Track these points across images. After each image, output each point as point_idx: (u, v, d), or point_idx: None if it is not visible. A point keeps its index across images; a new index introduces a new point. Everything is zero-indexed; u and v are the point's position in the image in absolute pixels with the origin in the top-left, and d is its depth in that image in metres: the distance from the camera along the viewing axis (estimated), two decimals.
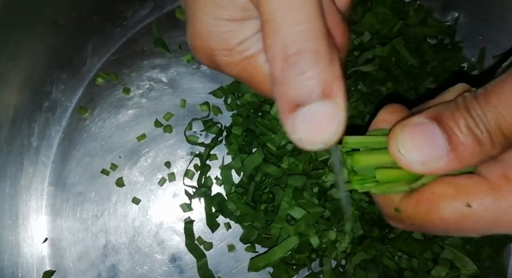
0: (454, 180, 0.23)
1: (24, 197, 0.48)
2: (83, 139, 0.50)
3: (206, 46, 0.27)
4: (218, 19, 0.25)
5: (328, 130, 0.22)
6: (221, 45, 0.26)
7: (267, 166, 0.44)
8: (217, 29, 0.26)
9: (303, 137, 0.22)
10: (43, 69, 0.48)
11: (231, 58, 0.27)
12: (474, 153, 0.21)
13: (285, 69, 0.22)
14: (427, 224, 0.24)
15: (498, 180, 0.22)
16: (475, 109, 0.21)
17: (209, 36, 0.26)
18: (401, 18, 0.46)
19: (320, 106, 0.22)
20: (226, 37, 0.26)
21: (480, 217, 0.22)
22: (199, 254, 0.47)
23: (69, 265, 0.48)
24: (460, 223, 0.23)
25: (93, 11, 0.48)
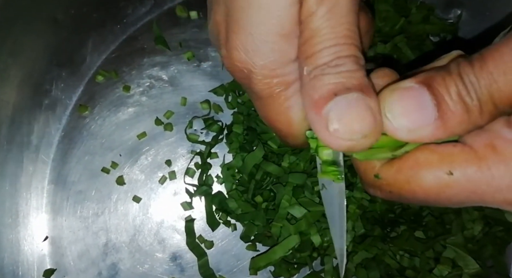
0: (438, 148, 0.22)
1: (24, 195, 0.48)
2: (83, 137, 0.50)
3: (248, 61, 0.25)
4: (270, 34, 0.24)
5: (366, 120, 0.21)
6: (265, 63, 0.25)
7: (267, 164, 0.44)
8: (267, 45, 0.25)
9: (340, 127, 0.21)
10: (42, 66, 0.48)
11: (267, 79, 0.26)
12: (462, 122, 0.21)
13: (326, 69, 0.22)
14: (406, 192, 0.23)
15: (484, 149, 0.21)
16: (468, 75, 0.20)
17: (256, 51, 0.25)
18: (403, 15, 0.46)
19: (358, 96, 0.21)
20: (273, 56, 0.25)
21: (461, 187, 0.22)
22: (200, 252, 0.47)
23: (69, 264, 0.48)
24: (440, 192, 0.22)
25: (93, 8, 0.48)
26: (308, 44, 0.23)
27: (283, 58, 0.25)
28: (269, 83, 0.26)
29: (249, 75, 0.26)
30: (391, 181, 0.24)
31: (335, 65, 0.22)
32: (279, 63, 0.25)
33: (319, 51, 0.22)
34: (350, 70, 0.22)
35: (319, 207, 0.42)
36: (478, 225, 0.42)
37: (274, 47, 0.25)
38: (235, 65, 0.26)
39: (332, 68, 0.22)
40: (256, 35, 0.24)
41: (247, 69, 0.26)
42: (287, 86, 0.26)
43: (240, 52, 0.25)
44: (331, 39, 0.22)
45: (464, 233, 0.42)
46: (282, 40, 0.24)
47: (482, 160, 0.21)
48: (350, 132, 0.21)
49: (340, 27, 0.23)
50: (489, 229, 0.43)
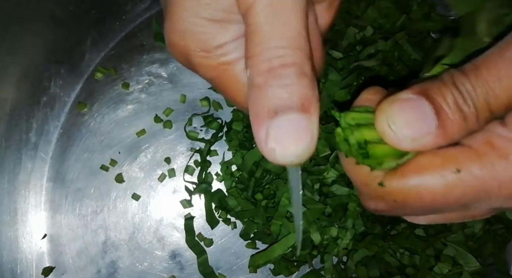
0: (439, 151, 0.23)
1: (22, 193, 0.48)
2: (82, 135, 0.49)
3: (183, 44, 0.26)
4: (198, 17, 0.25)
5: (303, 142, 0.22)
6: (198, 45, 0.26)
7: (267, 161, 0.43)
8: (195, 28, 0.25)
9: (277, 147, 0.22)
10: (41, 63, 0.47)
11: (207, 61, 0.26)
12: (460, 129, 0.21)
13: (267, 78, 0.22)
14: (412, 198, 0.23)
15: (483, 147, 0.22)
16: (464, 84, 0.21)
17: (186, 34, 0.25)
18: (404, 12, 0.45)
19: (297, 117, 0.22)
20: (205, 38, 0.25)
21: (468, 185, 0.22)
22: (199, 250, 0.47)
23: (68, 262, 0.48)
24: (448, 193, 0.22)
25: (92, 4, 0.47)
26: (249, 42, 0.22)
27: (217, 40, 0.25)
28: (210, 65, 0.26)
29: (188, 59, 0.27)
30: (395, 188, 0.23)
31: (278, 75, 0.22)
32: (213, 45, 0.25)
33: (261, 52, 0.22)
34: (294, 84, 0.22)
35: (318, 205, 0.42)
36: (479, 222, 0.42)
37: (205, 30, 0.25)
38: (173, 50, 0.27)
39: (274, 79, 0.22)
40: (186, 19, 0.25)
41: (184, 53, 0.26)
42: (230, 65, 0.26)
43: (175, 36, 0.26)
44: (273, 39, 0.22)
45: (465, 230, 0.42)
46: (213, 25, 0.25)
47: (484, 157, 0.22)
48: (285, 153, 0.22)
49: (282, 26, 0.22)
50: (490, 227, 0.43)
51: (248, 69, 0.23)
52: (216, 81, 0.27)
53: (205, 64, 0.26)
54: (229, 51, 0.26)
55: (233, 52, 0.26)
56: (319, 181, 0.43)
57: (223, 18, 0.25)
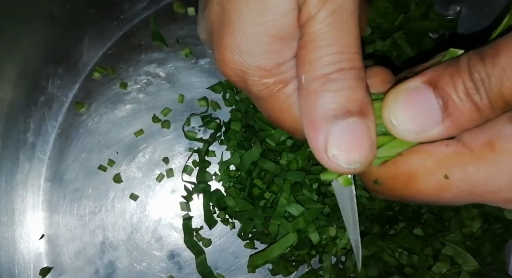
0: (432, 151, 0.22)
1: (20, 193, 0.48)
2: (80, 135, 0.49)
3: (242, 62, 0.25)
4: (264, 36, 0.24)
5: (365, 146, 0.21)
6: (259, 63, 0.25)
7: (264, 162, 0.43)
8: (261, 47, 0.24)
9: (340, 154, 0.21)
10: (38, 63, 0.47)
11: (264, 80, 0.25)
12: (473, 120, 0.20)
13: (325, 82, 0.21)
14: (406, 196, 0.23)
15: (481, 148, 0.21)
16: (479, 72, 0.19)
17: (250, 53, 0.24)
18: (402, 12, 0.45)
19: (358, 121, 0.21)
20: (267, 57, 0.24)
21: (459, 189, 0.21)
22: (197, 250, 0.47)
23: (66, 262, 0.48)
24: (439, 195, 0.22)
25: (89, 3, 0.47)
26: (307, 49, 0.22)
27: (279, 59, 0.25)
28: (266, 83, 0.25)
29: (244, 77, 0.26)
30: (390, 186, 0.24)
31: (336, 79, 0.21)
32: (274, 64, 0.25)
33: (319, 58, 0.22)
34: (352, 87, 0.21)
35: (317, 205, 0.42)
36: (477, 222, 0.42)
37: (269, 48, 0.24)
38: (228, 67, 0.26)
39: (332, 83, 0.21)
40: (250, 36, 0.24)
41: (241, 71, 0.25)
42: (285, 85, 0.25)
43: (233, 54, 0.25)
44: (332, 45, 0.22)
45: (463, 230, 0.42)
46: (278, 42, 0.24)
47: (478, 160, 0.21)
48: (349, 160, 0.21)
49: (342, 32, 0.22)
50: (488, 227, 0.43)
51: (304, 76, 0.22)
52: (266, 101, 0.26)
53: (261, 83, 0.25)
54: (286, 70, 0.25)
55: (289, 71, 0.25)
56: (318, 181, 0.43)
57: (287, 34, 0.24)
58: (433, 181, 0.22)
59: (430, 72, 0.21)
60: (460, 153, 0.21)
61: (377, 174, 0.24)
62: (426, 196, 0.22)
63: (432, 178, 0.22)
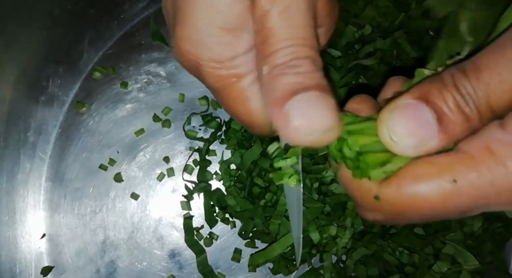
0: (434, 160, 0.22)
1: (21, 193, 0.48)
2: (80, 134, 0.49)
3: (194, 53, 0.26)
4: (213, 27, 0.25)
5: (328, 114, 0.22)
6: (210, 55, 0.25)
7: (264, 161, 0.43)
8: (210, 38, 0.25)
9: (302, 123, 0.22)
10: (39, 62, 0.47)
11: (217, 72, 0.26)
12: (463, 130, 0.21)
13: (285, 68, 0.23)
14: (411, 209, 0.23)
15: (481, 153, 0.21)
16: (465, 86, 0.20)
17: (199, 43, 0.25)
18: (403, 10, 0.45)
19: (318, 94, 0.22)
20: (219, 49, 0.25)
21: (466, 193, 0.21)
22: (198, 249, 0.47)
23: (67, 261, 0.48)
24: (447, 202, 0.22)
25: (89, 3, 0.47)
26: (266, 44, 0.23)
27: (230, 51, 0.25)
28: (220, 75, 0.26)
29: (197, 68, 0.26)
30: (391, 200, 0.23)
31: (293, 65, 0.23)
32: (226, 57, 0.25)
33: (277, 50, 0.23)
34: (308, 71, 0.23)
35: (317, 204, 0.42)
36: (478, 221, 0.42)
37: (219, 40, 0.25)
38: (182, 57, 0.26)
39: (290, 68, 0.22)
40: (200, 27, 0.25)
41: (194, 61, 0.26)
42: (239, 78, 0.26)
43: (185, 44, 0.26)
44: (288, 39, 0.23)
45: (464, 229, 0.42)
46: (228, 34, 0.25)
47: (481, 164, 0.21)
48: (311, 127, 0.22)
49: (296, 28, 0.23)
50: (489, 225, 0.43)
51: (265, 67, 0.23)
52: (221, 93, 0.27)
53: (214, 75, 0.26)
54: (240, 64, 0.26)
55: (243, 66, 0.26)
56: (318, 180, 0.43)
57: (236, 26, 0.25)
58: (440, 187, 0.22)
59: (418, 88, 0.22)
60: (462, 159, 0.22)
61: (378, 190, 0.24)
62: (433, 205, 0.22)
63: (439, 184, 0.22)
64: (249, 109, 0.27)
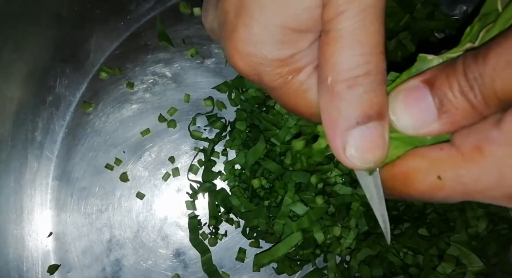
0: (427, 153, 0.23)
1: (28, 192, 0.48)
2: (87, 134, 0.50)
3: (257, 53, 0.25)
4: (284, 28, 0.24)
5: (380, 149, 0.23)
6: (275, 55, 0.24)
7: (267, 162, 0.43)
8: (279, 38, 0.24)
9: (357, 154, 0.23)
10: (46, 62, 0.48)
11: (278, 69, 0.25)
12: (468, 117, 0.21)
13: (351, 86, 0.22)
14: (405, 194, 0.25)
15: (471, 152, 0.22)
16: (473, 72, 0.20)
17: (266, 44, 0.24)
18: (408, 11, 0.45)
19: (376, 126, 0.22)
20: (284, 48, 0.24)
21: (452, 189, 0.23)
22: (203, 249, 0.47)
23: (73, 259, 0.48)
24: (433, 194, 0.23)
25: (97, 4, 0.48)
26: (333, 47, 0.22)
27: (294, 49, 0.25)
28: (280, 73, 0.25)
29: (258, 69, 0.25)
30: (390, 186, 0.25)
31: (361, 83, 0.22)
32: (289, 54, 0.25)
33: (346, 58, 0.22)
34: (375, 91, 0.22)
35: (322, 204, 0.42)
36: (483, 222, 0.42)
37: (286, 40, 0.24)
38: (242, 59, 0.25)
39: (357, 87, 0.22)
40: (268, 28, 0.24)
41: (255, 62, 0.25)
42: (298, 72, 0.26)
43: (249, 45, 0.24)
44: (361, 44, 0.22)
45: (468, 230, 0.42)
46: (295, 34, 0.24)
47: (469, 163, 0.22)
48: (364, 160, 0.23)
49: (371, 30, 0.22)
50: (494, 227, 0.43)
51: (330, 77, 0.22)
52: (280, 90, 0.27)
53: (274, 73, 0.25)
54: (301, 58, 0.25)
55: (303, 59, 0.25)
56: (323, 181, 0.43)
57: (307, 28, 0.24)
58: (428, 181, 0.23)
59: (429, 72, 0.22)
60: (452, 156, 0.22)
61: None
62: (422, 195, 0.24)
63: (427, 179, 0.23)
64: (308, 100, 0.27)
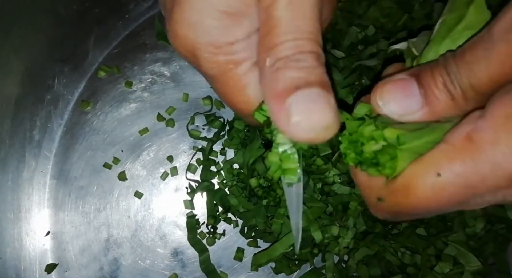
0: (422, 158, 0.23)
1: (26, 191, 0.48)
2: (85, 133, 0.50)
3: (192, 37, 0.25)
4: (215, 9, 0.24)
5: (328, 112, 0.23)
6: (209, 39, 0.25)
7: (258, 163, 0.43)
8: (209, 21, 0.25)
9: (302, 119, 0.22)
10: (44, 61, 0.48)
11: (215, 57, 0.26)
12: (448, 108, 0.23)
13: (288, 61, 0.23)
14: (409, 208, 0.24)
15: (462, 143, 0.22)
16: (452, 66, 0.22)
17: (198, 26, 0.25)
18: (406, 11, 0.45)
19: (319, 91, 0.23)
20: (218, 33, 0.25)
21: (454, 184, 0.22)
22: (201, 248, 0.47)
23: (71, 258, 0.48)
24: (438, 196, 0.23)
25: (95, 3, 0.48)
26: (270, 34, 0.23)
27: (230, 37, 0.25)
28: (217, 61, 0.26)
29: (194, 53, 0.26)
30: (393, 201, 0.25)
31: (296, 59, 0.23)
32: (225, 42, 0.25)
33: (281, 43, 0.23)
34: (312, 66, 0.23)
35: (320, 204, 0.42)
36: (480, 222, 0.42)
37: (219, 24, 0.25)
38: (179, 42, 0.26)
39: (294, 62, 0.23)
40: (200, 9, 0.24)
41: (191, 46, 0.26)
42: (237, 65, 0.26)
43: (183, 27, 0.25)
44: (293, 32, 0.23)
45: (466, 230, 0.42)
46: (228, 19, 0.25)
47: (463, 154, 0.22)
48: (311, 124, 0.23)
49: (302, 21, 0.23)
50: (491, 227, 0.43)
51: (268, 59, 0.23)
52: (218, 80, 0.27)
53: (211, 60, 0.26)
54: (238, 50, 0.26)
55: (241, 52, 0.26)
56: (321, 181, 0.43)
57: (239, 11, 0.25)
58: (428, 184, 0.23)
59: (415, 68, 0.25)
60: (445, 151, 0.23)
61: (379, 192, 0.25)
62: (427, 201, 0.23)
63: (427, 180, 0.23)
64: (246, 97, 0.27)
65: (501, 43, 0.21)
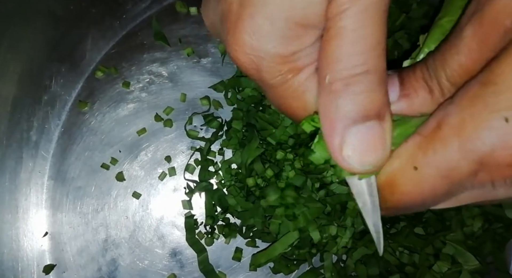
0: (397, 152, 0.23)
1: (24, 191, 0.48)
2: (82, 133, 0.50)
3: (260, 48, 0.24)
4: (289, 22, 0.23)
5: (379, 151, 0.22)
6: (278, 50, 0.24)
7: (256, 163, 0.43)
8: (283, 32, 0.23)
9: (354, 155, 0.22)
10: (42, 62, 0.47)
11: (279, 66, 0.24)
12: (425, 101, 0.23)
13: (349, 84, 0.22)
14: (398, 204, 0.24)
15: (432, 131, 0.22)
16: (429, 60, 0.23)
17: (269, 38, 0.23)
18: (404, 11, 0.45)
19: (375, 125, 0.22)
20: (287, 44, 0.24)
21: (431, 176, 0.22)
22: (199, 248, 0.47)
23: (69, 259, 0.48)
24: (420, 190, 0.22)
25: (92, 3, 0.47)
26: (333, 45, 0.22)
27: (298, 46, 0.24)
28: (280, 70, 0.25)
29: (258, 63, 0.25)
30: (382, 198, 0.25)
31: (359, 81, 0.22)
32: (291, 51, 0.24)
33: (345, 56, 0.22)
34: (374, 90, 0.22)
35: (318, 204, 0.42)
36: (478, 221, 0.42)
37: (289, 34, 0.23)
38: (243, 53, 0.25)
39: (355, 86, 0.22)
40: (273, 21, 0.23)
41: (257, 56, 0.24)
42: (298, 72, 0.25)
43: (251, 38, 0.24)
44: (361, 43, 0.22)
45: (464, 229, 0.42)
46: (300, 29, 0.23)
47: (434, 143, 0.21)
48: (362, 162, 0.22)
49: (372, 29, 0.22)
50: (489, 226, 0.43)
51: (328, 76, 0.22)
52: (277, 89, 0.26)
53: (276, 70, 0.25)
54: (301, 57, 0.24)
55: (303, 58, 0.25)
56: (319, 180, 0.43)
57: (311, 23, 0.23)
58: (408, 180, 0.23)
59: (402, 68, 0.25)
60: (418, 142, 0.22)
61: None
62: (411, 196, 0.23)
63: (406, 175, 0.22)
64: (304, 102, 0.26)
65: (467, 29, 0.21)
